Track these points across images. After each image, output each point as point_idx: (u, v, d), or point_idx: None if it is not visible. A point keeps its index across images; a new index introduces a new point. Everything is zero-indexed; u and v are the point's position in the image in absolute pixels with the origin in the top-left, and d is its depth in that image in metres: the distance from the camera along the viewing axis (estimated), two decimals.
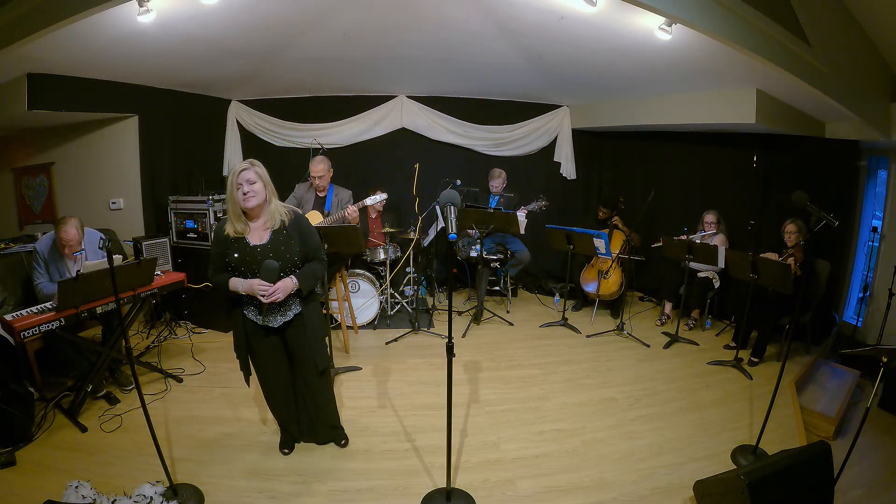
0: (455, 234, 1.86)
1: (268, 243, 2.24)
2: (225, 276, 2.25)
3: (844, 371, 3.74)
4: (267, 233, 2.26)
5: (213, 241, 2.38)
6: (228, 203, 2.21)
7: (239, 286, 2.21)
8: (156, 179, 4.68)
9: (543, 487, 2.40)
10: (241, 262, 2.20)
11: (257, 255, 2.20)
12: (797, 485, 2.04)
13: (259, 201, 2.19)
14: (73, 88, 3.82)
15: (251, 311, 2.31)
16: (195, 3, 2.85)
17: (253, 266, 2.19)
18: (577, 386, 3.48)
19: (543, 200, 4.61)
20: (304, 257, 2.31)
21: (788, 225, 3.89)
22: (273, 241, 2.25)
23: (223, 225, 2.25)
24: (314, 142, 5.14)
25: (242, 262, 2.20)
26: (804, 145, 4.38)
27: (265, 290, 2.16)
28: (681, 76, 3.91)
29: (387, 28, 3.61)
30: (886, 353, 2.11)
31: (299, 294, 2.31)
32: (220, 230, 2.25)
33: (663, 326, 4.65)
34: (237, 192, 2.15)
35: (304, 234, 2.33)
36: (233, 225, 2.21)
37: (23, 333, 2.55)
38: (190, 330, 4.31)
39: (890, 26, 3.31)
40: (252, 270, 2.20)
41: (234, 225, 2.21)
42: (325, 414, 2.62)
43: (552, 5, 3.01)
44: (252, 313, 2.31)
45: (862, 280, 4.37)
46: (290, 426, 2.64)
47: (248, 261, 2.20)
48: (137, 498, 2.16)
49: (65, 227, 3.03)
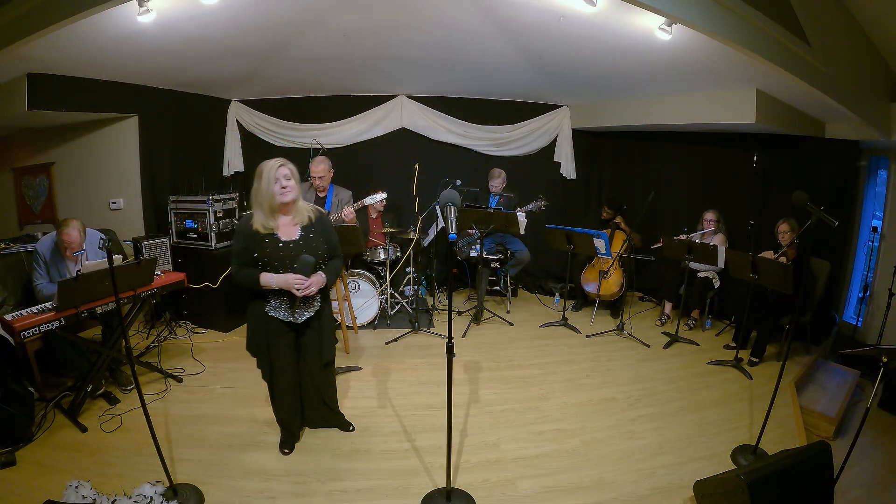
0: (455, 234, 1.86)
1: (300, 239, 2.31)
2: (254, 271, 2.25)
3: (844, 371, 3.75)
4: (296, 229, 2.32)
5: (237, 237, 2.32)
6: (260, 198, 2.23)
7: (272, 281, 2.23)
8: (156, 179, 4.67)
9: (543, 487, 2.40)
10: (274, 256, 2.23)
11: (290, 250, 2.26)
12: (797, 485, 2.04)
13: (294, 196, 2.27)
14: (73, 88, 3.82)
15: (276, 307, 2.33)
16: (195, 3, 2.84)
17: (285, 261, 2.24)
18: (577, 386, 3.48)
19: (543, 200, 4.62)
20: (327, 253, 2.41)
21: (781, 224, 3.90)
22: (304, 238, 2.32)
23: (248, 221, 2.26)
24: (314, 142, 5.14)
25: (275, 257, 2.23)
26: (804, 145, 4.38)
27: (301, 283, 2.22)
28: (681, 76, 3.91)
29: (387, 28, 3.61)
30: (886, 353, 2.11)
31: (325, 289, 2.40)
32: (246, 226, 2.26)
33: (663, 326, 4.65)
34: (274, 186, 2.19)
35: (327, 232, 2.42)
36: (263, 220, 2.22)
37: (23, 333, 2.54)
38: (190, 330, 4.31)
39: (890, 26, 3.31)
40: (284, 265, 2.24)
41: (265, 220, 2.23)
42: (328, 397, 2.70)
43: (552, 5, 3.01)
44: (277, 310, 2.33)
45: (862, 280, 4.37)
46: (291, 424, 2.65)
47: (282, 256, 2.24)
48: (137, 498, 2.16)
49: (66, 228, 3.03)
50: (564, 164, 5.79)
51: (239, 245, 2.29)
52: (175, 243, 4.44)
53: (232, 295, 4.41)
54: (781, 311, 3.85)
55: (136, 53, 3.50)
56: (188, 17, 3.08)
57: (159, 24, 2.97)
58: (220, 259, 4.29)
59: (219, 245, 4.32)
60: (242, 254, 2.27)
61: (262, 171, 2.22)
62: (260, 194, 2.23)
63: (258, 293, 2.31)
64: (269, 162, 2.24)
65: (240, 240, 2.29)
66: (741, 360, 3.79)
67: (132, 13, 2.77)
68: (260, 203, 2.24)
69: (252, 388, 3.33)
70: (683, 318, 4.54)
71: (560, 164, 5.81)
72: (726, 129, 4.55)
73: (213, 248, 4.28)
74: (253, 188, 2.27)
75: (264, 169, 2.22)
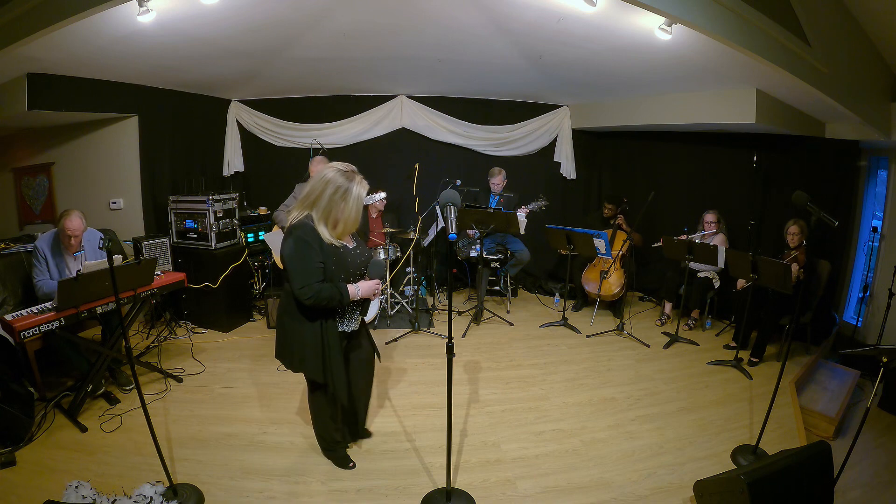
0: (455, 234, 1.86)
1: (357, 246, 2.27)
2: (336, 286, 2.09)
3: (844, 371, 3.74)
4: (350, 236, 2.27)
5: (310, 252, 2.04)
6: (334, 213, 2.07)
7: (358, 291, 2.16)
8: (156, 179, 4.67)
9: (543, 487, 2.40)
10: (344, 266, 2.14)
11: (356, 257, 2.21)
12: (797, 485, 2.04)
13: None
14: (73, 88, 3.82)
15: (349, 321, 2.25)
16: (195, 3, 2.84)
17: (349, 269, 2.17)
18: (577, 386, 3.48)
19: (543, 200, 4.62)
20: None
21: (791, 226, 3.88)
22: (359, 243, 2.30)
23: (313, 233, 2.05)
24: (314, 142, 5.14)
25: (342, 268, 2.13)
26: (804, 145, 4.38)
27: (379, 287, 2.22)
28: (681, 76, 3.91)
29: (387, 28, 3.61)
30: (886, 353, 2.11)
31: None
32: (316, 239, 2.05)
33: (663, 326, 4.65)
34: (359, 212, 2.11)
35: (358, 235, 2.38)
36: (327, 232, 2.09)
37: (23, 333, 2.55)
38: (190, 330, 4.31)
39: (890, 26, 3.31)
40: (348, 275, 2.16)
41: (329, 232, 2.09)
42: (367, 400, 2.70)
43: (552, 5, 3.00)
44: (348, 323, 2.25)
45: (862, 280, 4.37)
46: (341, 437, 2.56)
47: (348, 262, 2.16)
48: (137, 498, 2.16)
49: (69, 217, 3.04)
50: (564, 163, 5.79)
51: (317, 261, 2.05)
52: (175, 243, 4.44)
53: (232, 295, 4.42)
54: (781, 311, 3.85)
55: (136, 53, 3.50)
56: (188, 17, 3.08)
57: (159, 24, 2.97)
58: (220, 259, 4.29)
59: (219, 245, 4.32)
60: (321, 270, 2.06)
61: (350, 192, 2.06)
62: (336, 210, 2.06)
63: (323, 311, 2.14)
64: (357, 186, 2.08)
65: (316, 255, 2.05)
66: (741, 360, 3.79)
67: (132, 13, 2.77)
68: (327, 217, 2.07)
69: (252, 388, 3.34)
70: (683, 318, 4.54)
71: (560, 163, 5.81)
72: (726, 129, 4.55)
73: (213, 248, 4.28)
74: (320, 196, 2.06)
75: (352, 191, 2.06)
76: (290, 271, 2.07)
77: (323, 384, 2.26)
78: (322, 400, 2.38)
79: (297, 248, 2.04)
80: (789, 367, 3.03)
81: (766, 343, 3.86)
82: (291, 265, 2.06)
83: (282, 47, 3.91)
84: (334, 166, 2.13)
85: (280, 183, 4.95)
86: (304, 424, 2.89)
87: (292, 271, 2.06)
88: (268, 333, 4.35)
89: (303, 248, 2.04)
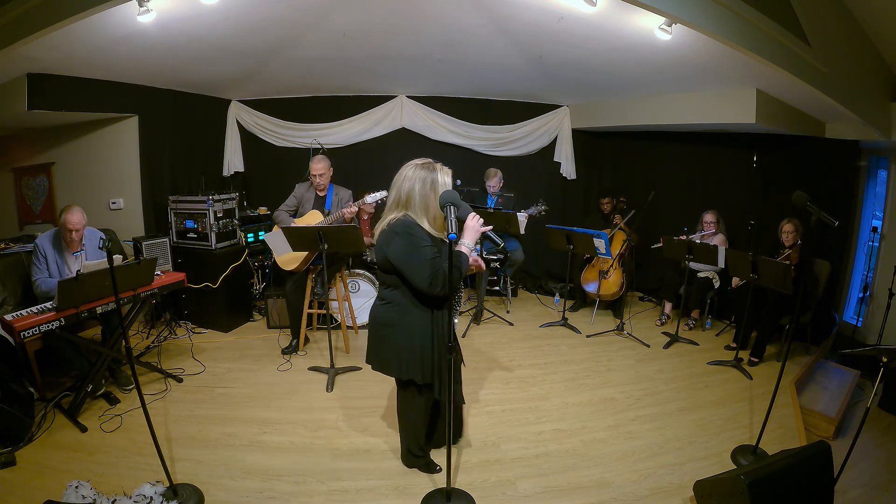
0: (455, 234, 1.86)
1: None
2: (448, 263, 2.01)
3: (844, 371, 3.75)
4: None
5: (422, 243, 2.02)
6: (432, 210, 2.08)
7: (465, 243, 2.07)
8: (156, 179, 4.67)
9: (543, 487, 2.40)
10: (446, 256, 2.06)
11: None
12: (797, 485, 2.04)
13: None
14: (73, 88, 3.82)
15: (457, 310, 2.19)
16: (195, 3, 2.84)
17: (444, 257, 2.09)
18: (577, 386, 3.48)
19: (543, 205, 4.61)
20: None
21: (785, 225, 3.89)
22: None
23: (418, 228, 2.05)
24: (314, 142, 5.14)
25: (443, 257, 2.07)
26: (804, 145, 4.38)
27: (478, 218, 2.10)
28: (680, 76, 3.91)
29: (387, 28, 3.61)
30: (886, 353, 2.11)
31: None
32: (423, 232, 2.05)
33: (663, 326, 4.65)
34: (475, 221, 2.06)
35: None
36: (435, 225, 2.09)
37: (23, 333, 2.54)
38: (190, 330, 4.31)
39: (890, 26, 3.31)
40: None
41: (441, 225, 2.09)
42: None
43: (552, 5, 3.01)
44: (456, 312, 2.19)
45: (862, 280, 4.37)
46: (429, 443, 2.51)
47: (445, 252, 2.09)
48: (137, 498, 2.16)
49: (70, 211, 3.05)
50: (564, 164, 5.79)
51: (431, 249, 2.03)
52: (175, 243, 4.43)
53: (232, 295, 4.42)
54: (781, 311, 3.85)
55: (136, 53, 3.50)
56: (188, 17, 3.08)
57: (159, 23, 2.97)
58: (220, 259, 4.29)
59: (219, 245, 4.31)
60: (438, 257, 2.03)
61: (437, 182, 2.08)
62: (430, 203, 2.06)
63: (440, 302, 2.10)
64: (440, 174, 2.09)
65: (426, 246, 2.02)
66: (741, 360, 3.79)
67: (132, 13, 2.77)
68: (426, 211, 2.07)
69: (252, 388, 3.34)
70: (683, 318, 4.54)
71: (560, 163, 5.81)
72: (726, 129, 4.55)
73: (213, 248, 4.28)
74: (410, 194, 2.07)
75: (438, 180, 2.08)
76: (409, 270, 2.01)
77: (425, 385, 2.19)
78: (422, 403, 2.31)
79: (408, 243, 2.00)
80: (789, 367, 3.03)
81: (766, 343, 3.86)
82: (408, 263, 2.00)
83: (282, 47, 3.91)
84: (410, 164, 2.13)
85: (280, 183, 4.95)
86: (305, 424, 2.89)
87: (411, 269, 2.00)
88: (268, 333, 4.35)
89: (414, 243, 2.00)
